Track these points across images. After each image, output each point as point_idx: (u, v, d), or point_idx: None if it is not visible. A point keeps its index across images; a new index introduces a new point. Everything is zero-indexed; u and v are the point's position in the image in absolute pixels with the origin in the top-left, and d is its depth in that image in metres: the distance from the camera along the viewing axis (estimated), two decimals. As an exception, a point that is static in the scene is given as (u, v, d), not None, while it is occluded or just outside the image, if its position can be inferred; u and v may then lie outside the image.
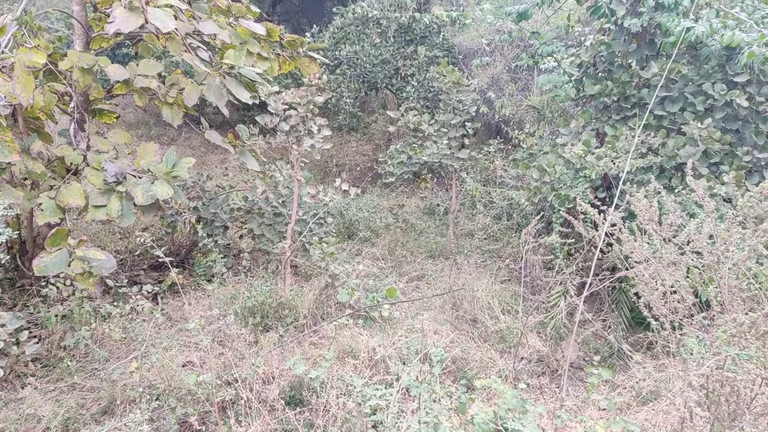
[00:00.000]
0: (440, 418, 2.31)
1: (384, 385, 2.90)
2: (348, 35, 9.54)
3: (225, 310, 4.98)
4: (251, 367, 3.21)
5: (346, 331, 5.16)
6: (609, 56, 6.02)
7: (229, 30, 5.40)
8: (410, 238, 7.58)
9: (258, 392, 3.31)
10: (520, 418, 2.04)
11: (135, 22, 4.41)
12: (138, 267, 6.64)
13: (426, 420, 2.32)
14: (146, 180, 4.99)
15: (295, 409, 3.48)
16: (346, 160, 10.01)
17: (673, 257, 2.79)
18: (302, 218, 5.86)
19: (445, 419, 2.34)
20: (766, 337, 2.16)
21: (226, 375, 3.98)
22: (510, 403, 2.11)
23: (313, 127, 5.10)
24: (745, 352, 2.14)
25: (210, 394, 3.14)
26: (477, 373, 4.99)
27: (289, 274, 5.57)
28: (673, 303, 2.59)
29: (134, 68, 5.25)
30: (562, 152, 5.64)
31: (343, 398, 3.02)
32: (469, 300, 5.82)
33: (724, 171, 5.36)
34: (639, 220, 3.07)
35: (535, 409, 2.16)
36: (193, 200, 6.50)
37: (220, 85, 5.26)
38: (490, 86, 8.52)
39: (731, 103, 5.34)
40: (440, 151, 6.51)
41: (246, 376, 3.01)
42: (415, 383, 2.26)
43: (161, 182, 5.07)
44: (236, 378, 3.21)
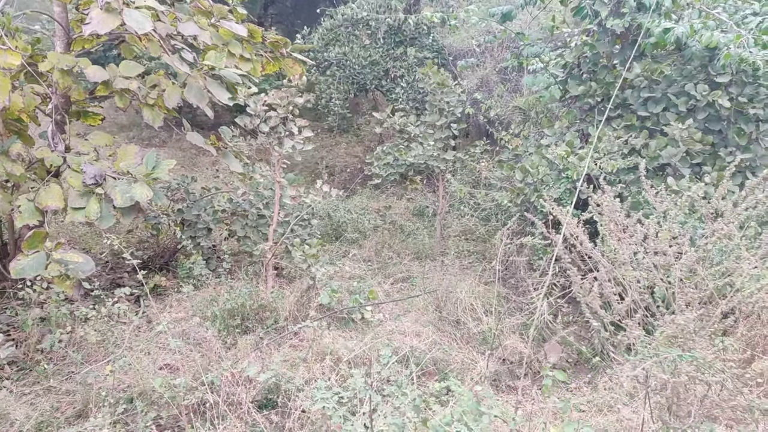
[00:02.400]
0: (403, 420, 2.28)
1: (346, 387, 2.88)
2: (338, 37, 9.53)
3: (204, 313, 4.96)
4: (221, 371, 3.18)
5: (327, 333, 5.14)
6: (593, 57, 6.01)
7: (210, 31, 5.39)
8: (398, 240, 7.57)
9: (229, 395, 3.29)
10: (476, 421, 2.02)
11: (111, 24, 4.39)
12: (122, 269, 6.62)
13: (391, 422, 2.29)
14: (125, 182, 4.97)
15: (268, 412, 3.45)
16: (336, 162, 10.00)
17: (627, 257, 2.78)
18: (285, 220, 5.84)
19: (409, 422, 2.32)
20: (712, 337, 2.15)
21: (202, 378, 3.97)
22: (466, 406, 2.09)
23: (294, 129, 5.08)
24: (689, 354, 2.12)
25: (177, 398, 3.11)
26: (458, 374, 4.98)
27: (271, 276, 5.55)
28: (617, 304, 2.57)
29: (114, 70, 5.24)
30: (546, 153, 5.63)
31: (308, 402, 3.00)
32: (453, 301, 5.80)
33: (706, 172, 5.34)
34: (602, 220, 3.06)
35: (492, 412, 2.14)
36: (177, 202, 6.49)
37: (201, 86, 5.25)
38: (479, 87, 8.51)
39: (713, 104, 5.32)
40: (426, 153, 6.50)
41: (213, 380, 2.98)
42: (365, 386, 2.24)
43: (141, 184, 5.05)
44: (210, 381, 3.19)
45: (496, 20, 5.94)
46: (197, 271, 5.21)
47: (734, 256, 2.74)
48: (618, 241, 2.89)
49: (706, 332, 2.24)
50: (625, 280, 2.77)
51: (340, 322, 5.37)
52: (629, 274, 2.75)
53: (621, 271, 2.77)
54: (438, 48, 9.29)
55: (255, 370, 2.86)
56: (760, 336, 4.45)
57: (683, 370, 2.00)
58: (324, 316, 4.76)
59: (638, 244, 2.78)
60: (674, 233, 2.57)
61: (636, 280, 2.76)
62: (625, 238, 2.87)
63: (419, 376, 4.89)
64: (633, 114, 5.70)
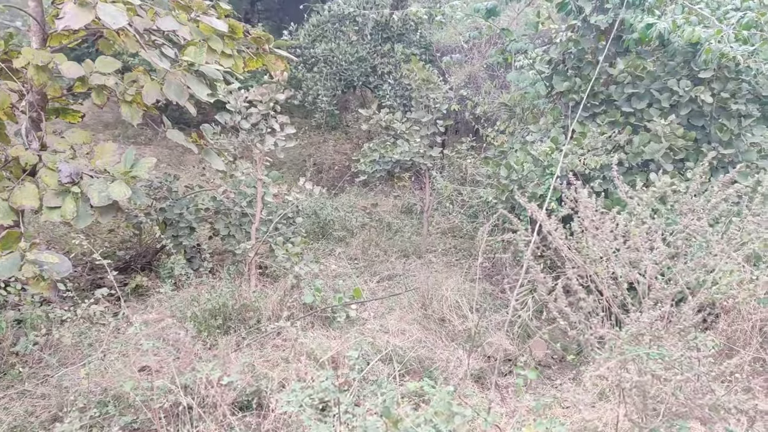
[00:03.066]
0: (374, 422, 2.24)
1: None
2: (324, 33, 9.44)
3: (184, 313, 4.89)
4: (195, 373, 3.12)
5: (311, 333, 5.09)
6: (578, 53, 5.99)
7: (190, 27, 5.30)
8: (384, 238, 7.52)
9: (205, 398, 3.22)
10: (448, 421, 1.98)
11: (85, 19, 4.30)
12: (103, 269, 6.51)
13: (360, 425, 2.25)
14: (102, 180, 4.88)
15: (244, 415, 3.40)
16: (324, 159, 9.93)
17: (599, 254, 2.76)
18: (269, 218, 5.78)
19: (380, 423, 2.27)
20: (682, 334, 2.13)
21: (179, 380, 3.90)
22: (437, 407, 2.05)
23: (276, 125, 5.01)
24: (655, 352, 2.10)
25: (151, 401, 3.05)
26: (442, 372, 4.95)
27: (255, 276, 5.48)
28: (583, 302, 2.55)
29: (90, 66, 5.13)
30: (531, 150, 5.60)
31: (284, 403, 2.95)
32: (438, 299, 5.77)
33: (689, 167, 5.34)
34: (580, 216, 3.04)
35: (465, 412, 2.10)
36: (160, 201, 6.40)
37: (180, 82, 5.16)
38: (467, 84, 8.46)
39: (696, 100, 5.32)
40: (412, 150, 6.45)
41: (187, 382, 2.92)
42: (332, 389, 2.19)
43: (119, 183, 4.96)
44: (184, 384, 3.12)
45: (480, 16, 5.90)
46: (178, 270, 5.13)
47: (705, 252, 2.73)
48: (593, 238, 2.87)
49: (675, 329, 2.22)
50: (597, 277, 2.75)
51: (325, 321, 5.32)
52: (600, 270, 2.73)
53: (593, 268, 2.75)
54: (425, 44, 9.23)
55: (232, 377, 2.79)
56: (740, 331, 4.46)
57: (649, 369, 1.97)
58: (305, 315, 4.70)
59: (611, 240, 2.75)
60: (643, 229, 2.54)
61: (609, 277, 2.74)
62: (598, 234, 2.85)
63: (403, 374, 4.87)
64: (617, 110, 5.69)
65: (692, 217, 2.53)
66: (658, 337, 2.21)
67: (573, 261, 2.83)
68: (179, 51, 5.82)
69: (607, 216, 2.91)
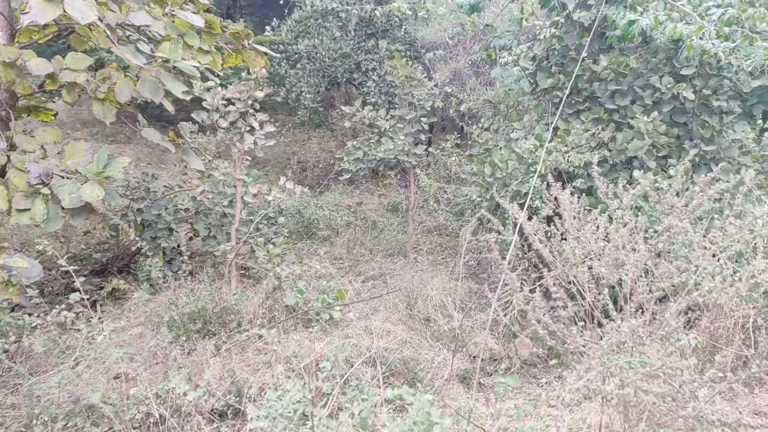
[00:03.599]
0: None
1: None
2: (308, 29, 9.29)
3: (161, 317, 4.75)
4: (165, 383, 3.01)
5: (294, 335, 4.99)
6: (561, 50, 5.94)
7: (164, 21, 5.14)
8: (370, 237, 7.43)
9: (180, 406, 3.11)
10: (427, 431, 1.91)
11: (52, 13, 4.13)
12: (78, 273, 6.33)
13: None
14: (73, 181, 4.71)
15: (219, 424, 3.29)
16: (309, 157, 9.79)
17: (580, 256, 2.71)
18: (249, 219, 5.65)
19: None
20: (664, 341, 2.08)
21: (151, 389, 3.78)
22: (415, 416, 1.98)
23: (255, 123, 4.88)
24: (637, 360, 2.05)
25: (121, 412, 2.93)
26: (428, 373, 4.89)
27: (235, 277, 5.36)
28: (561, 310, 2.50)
29: (60, 62, 4.95)
30: (515, 147, 5.55)
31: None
32: (424, 298, 5.70)
33: (672, 164, 5.34)
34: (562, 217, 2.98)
35: (444, 422, 2.03)
36: (137, 201, 6.23)
37: (155, 79, 5.01)
38: (452, 81, 8.39)
39: (678, 97, 5.31)
40: (396, 148, 6.36)
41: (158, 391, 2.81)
42: (306, 399, 2.10)
43: (91, 183, 4.80)
44: (156, 393, 3.00)
45: (463, 12, 5.82)
46: (155, 273, 4.99)
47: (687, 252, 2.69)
48: (574, 240, 2.82)
49: (658, 335, 2.17)
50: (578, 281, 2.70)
51: (308, 323, 5.22)
52: (580, 274, 2.68)
53: (573, 271, 2.70)
54: (410, 40, 9.13)
55: (198, 391, 2.68)
56: (723, 328, 4.47)
57: (630, 380, 1.92)
58: (287, 317, 4.60)
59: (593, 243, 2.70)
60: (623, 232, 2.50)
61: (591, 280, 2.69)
62: (579, 236, 2.79)
63: (388, 376, 4.79)
64: (601, 107, 5.66)
65: (673, 217, 2.49)
66: (640, 343, 2.16)
67: (553, 264, 2.78)
68: (156, 47, 5.65)
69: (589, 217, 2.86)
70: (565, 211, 2.84)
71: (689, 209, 2.57)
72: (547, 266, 2.96)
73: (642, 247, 2.48)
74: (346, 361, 4.48)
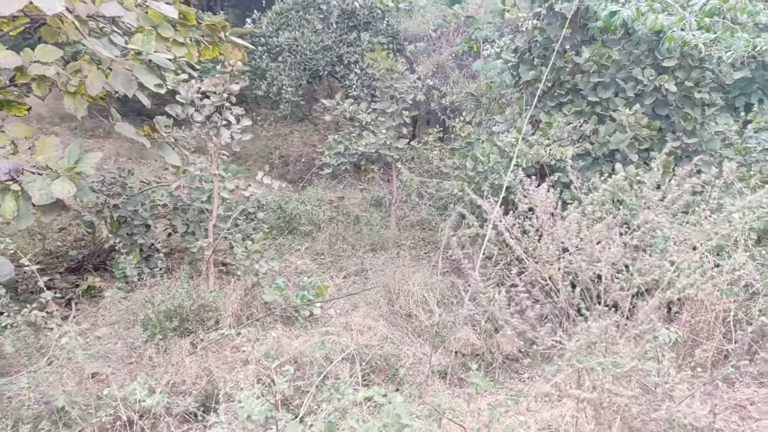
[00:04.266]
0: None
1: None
2: (289, 21, 9.13)
3: (136, 316, 4.64)
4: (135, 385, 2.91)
5: (274, 332, 4.91)
6: (544, 42, 5.88)
7: (137, 12, 4.99)
8: (353, 231, 7.36)
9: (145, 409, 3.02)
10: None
11: (18, 3, 3.97)
12: (54, 270, 6.19)
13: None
14: (44, 177, 4.57)
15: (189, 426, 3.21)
16: (291, 152, 9.66)
17: (554, 254, 2.66)
18: (227, 214, 5.54)
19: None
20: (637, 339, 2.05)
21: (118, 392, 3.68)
22: (386, 419, 1.92)
23: (231, 117, 4.77)
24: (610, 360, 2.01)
25: (86, 414, 2.84)
26: (409, 370, 4.85)
27: (213, 274, 5.26)
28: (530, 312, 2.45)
29: (29, 54, 4.79)
30: (497, 140, 5.50)
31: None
32: (405, 294, 5.65)
33: (654, 157, 5.32)
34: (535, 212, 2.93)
35: (414, 424, 1.97)
36: (113, 197, 6.09)
37: (127, 72, 4.86)
38: (435, 73, 8.31)
39: (660, 89, 5.28)
40: (378, 141, 6.28)
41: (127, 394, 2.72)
42: (256, 405, 2.02)
43: (62, 179, 4.66)
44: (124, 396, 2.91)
45: (444, 3, 5.73)
46: (129, 271, 4.88)
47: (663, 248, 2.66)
48: (548, 236, 2.77)
49: (631, 334, 2.13)
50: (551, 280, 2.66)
51: (288, 320, 5.15)
52: (552, 272, 2.64)
53: (546, 268, 2.66)
54: (393, 33, 9.01)
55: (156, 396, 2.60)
56: (704, 321, 4.47)
57: (599, 382, 1.88)
58: (266, 314, 4.52)
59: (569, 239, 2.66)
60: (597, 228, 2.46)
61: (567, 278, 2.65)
62: (553, 231, 2.75)
63: (368, 373, 4.74)
64: (583, 99, 5.62)
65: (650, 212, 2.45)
66: (613, 343, 2.12)
67: (526, 261, 2.73)
68: (130, 39, 5.50)
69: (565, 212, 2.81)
70: (539, 206, 2.78)
71: (664, 203, 2.52)
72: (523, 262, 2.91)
73: (618, 241, 2.43)
74: (326, 358, 4.42)
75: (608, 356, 2.10)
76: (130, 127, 5.38)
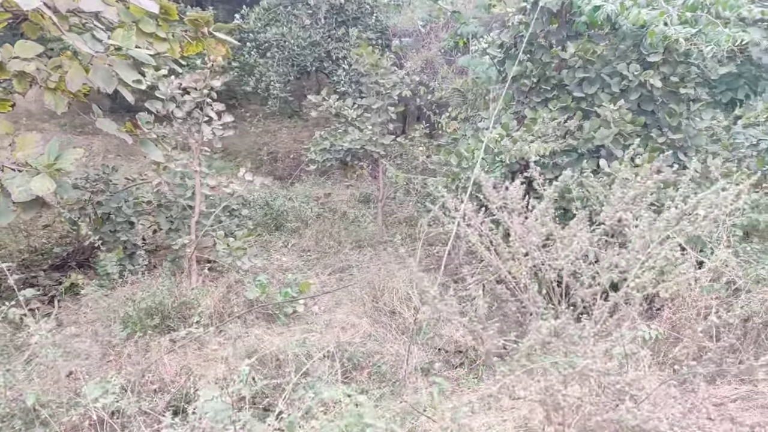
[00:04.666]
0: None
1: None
2: (277, 17, 9.07)
3: (117, 313, 4.62)
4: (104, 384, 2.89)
5: (256, 330, 4.89)
6: (530, 37, 5.84)
7: (117, 7, 4.94)
8: (339, 228, 7.33)
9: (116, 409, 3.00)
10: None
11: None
12: (38, 267, 6.15)
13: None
14: (23, 174, 4.53)
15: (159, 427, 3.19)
16: (280, 148, 9.62)
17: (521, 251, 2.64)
18: (210, 211, 5.51)
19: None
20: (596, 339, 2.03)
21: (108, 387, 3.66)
22: (348, 419, 1.90)
23: (212, 113, 4.73)
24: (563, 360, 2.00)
25: (57, 414, 2.81)
26: (392, 367, 4.83)
27: (196, 271, 5.23)
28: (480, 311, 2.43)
29: (9, 50, 4.74)
30: (482, 137, 5.47)
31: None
32: (390, 290, 5.63)
33: (639, 153, 5.29)
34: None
35: (377, 423, 1.95)
36: (97, 194, 6.05)
37: (107, 68, 4.82)
38: (424, 69, 8.26)
39: (645, 84, 5.26)
40: (363, 138, 6.25)
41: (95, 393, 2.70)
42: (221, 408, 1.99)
43: (42, 176, 4.62)
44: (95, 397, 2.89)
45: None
46: (110, 268, 4.85)
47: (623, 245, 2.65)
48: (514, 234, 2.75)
49: (588, 333, 2.12)
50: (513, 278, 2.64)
51: (271, 317, 5.13)
52: (515, 270, 2.62)
53: (507, 266, 2.64)
54: (382, 28, 8.96)
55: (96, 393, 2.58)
56: (685, 318, 4.46)
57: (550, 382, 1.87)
58: (247, 311, 4.49)
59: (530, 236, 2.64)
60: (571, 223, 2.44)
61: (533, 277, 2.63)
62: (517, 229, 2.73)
63: (350, 370, 4.72)
64: (569, 95, 5.59)
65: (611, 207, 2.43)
66: (572, 342, 2.10)
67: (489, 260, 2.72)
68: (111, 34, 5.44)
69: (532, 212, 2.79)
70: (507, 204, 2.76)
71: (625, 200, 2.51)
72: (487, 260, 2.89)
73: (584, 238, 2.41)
74: (308, 355, 4.40)
75: (569, 355, 2.09)
76: (111, 123, 5.34)
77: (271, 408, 3.55)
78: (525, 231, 2.70)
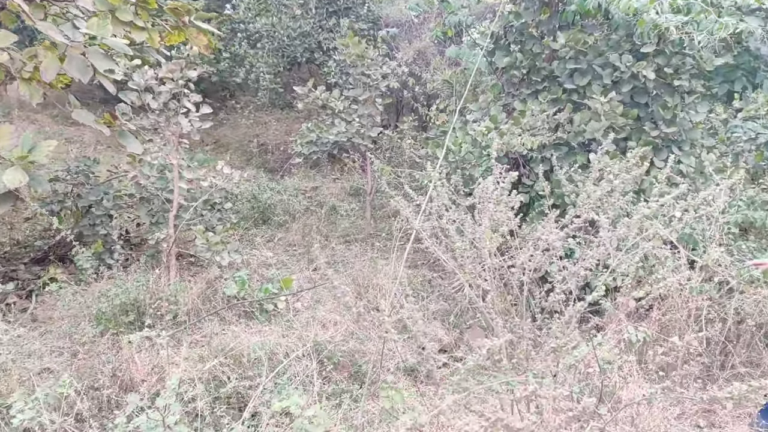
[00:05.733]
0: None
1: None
2: (267, 6, 8.89)
3: (90, 309, 4.52)
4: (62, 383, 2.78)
5: (235, 327, 4.78)
6: (520, 27, 5.67)
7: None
8: (327, 222, 7.20)
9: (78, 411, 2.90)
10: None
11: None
12: (19, 261, 6.06)
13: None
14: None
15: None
16: (270, 140, 9.47)
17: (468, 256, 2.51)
18: (191, 205, 5.39)
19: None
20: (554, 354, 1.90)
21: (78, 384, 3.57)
22: (297, 427, 1.78)
23: (189, 105, 4.60)
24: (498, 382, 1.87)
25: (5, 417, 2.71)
26: (373, 366, 4.72)
27: (174, 266, 5.12)
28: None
29: (-20, 39, 4.60)
30: (470, 129, 5.32)
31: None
32: (375, 287, 5.51)
33: (631, 147, 5.13)
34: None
35: None
36: (78, 187, 5.94)
37: (82, 57, 4.68)
38: (416, 60, 8.08)
39: (638, 76, 5.08)
40: (350, 130, 6.10)
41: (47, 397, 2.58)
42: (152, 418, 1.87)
43: (15, 169, 4.49)
44: (45, 399, 2.78)
45: (418, -14, 5.51)
46: (84, 263, 4.75)
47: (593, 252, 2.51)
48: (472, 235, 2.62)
49: (543, 350, 1.99)
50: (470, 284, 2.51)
51: (251, 315, 5.02)
52: (466, 277, 2.49)
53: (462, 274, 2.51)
54: (374, 18, 8.77)
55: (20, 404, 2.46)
56: (675, 320, 4.31)
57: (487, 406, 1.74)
58: (224, 308, 4.38)
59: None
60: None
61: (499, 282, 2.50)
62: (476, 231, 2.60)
63: (331, 369, 4.61)
64: (560, 87, 5.42)
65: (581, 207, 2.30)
66: (528, 358, 1.98)
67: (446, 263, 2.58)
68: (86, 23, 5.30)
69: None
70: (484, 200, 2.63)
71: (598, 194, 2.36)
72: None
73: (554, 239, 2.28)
74: (285, 354, 4.29)
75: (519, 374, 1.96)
76: (89, 115, 5.19)
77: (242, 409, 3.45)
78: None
